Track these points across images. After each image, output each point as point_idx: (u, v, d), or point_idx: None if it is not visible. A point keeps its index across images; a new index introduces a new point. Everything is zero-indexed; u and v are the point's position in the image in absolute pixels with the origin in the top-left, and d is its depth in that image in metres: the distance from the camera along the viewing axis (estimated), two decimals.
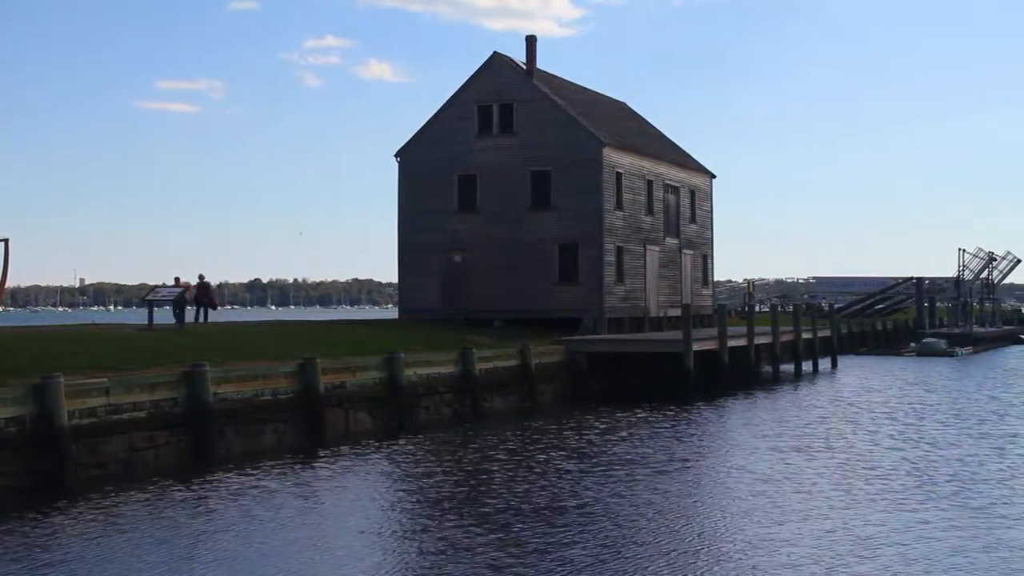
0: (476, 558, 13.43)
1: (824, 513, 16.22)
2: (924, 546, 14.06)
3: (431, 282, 43.61)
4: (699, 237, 51.79)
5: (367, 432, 25.54)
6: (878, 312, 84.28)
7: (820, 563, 13.16)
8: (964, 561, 13.28)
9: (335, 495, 18.09)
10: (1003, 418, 29.16)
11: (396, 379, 26.98)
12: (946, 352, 60.40)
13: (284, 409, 23.69)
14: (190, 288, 33.72)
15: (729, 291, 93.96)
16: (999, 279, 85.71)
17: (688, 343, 34.84)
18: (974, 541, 14.32)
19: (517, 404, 31.69)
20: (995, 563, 13.20)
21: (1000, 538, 14.50)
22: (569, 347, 35.75)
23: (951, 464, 20.96)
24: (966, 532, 14.87)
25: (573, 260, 41.86)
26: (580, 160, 41.89)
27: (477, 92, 43.48)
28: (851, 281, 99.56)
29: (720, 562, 13.30)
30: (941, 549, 13.89)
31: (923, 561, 13.29)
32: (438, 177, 43.64)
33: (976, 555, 13.58)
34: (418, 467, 21.19)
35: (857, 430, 26.55)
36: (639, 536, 14.68)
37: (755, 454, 22.44)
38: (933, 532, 14.89)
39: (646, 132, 52.94)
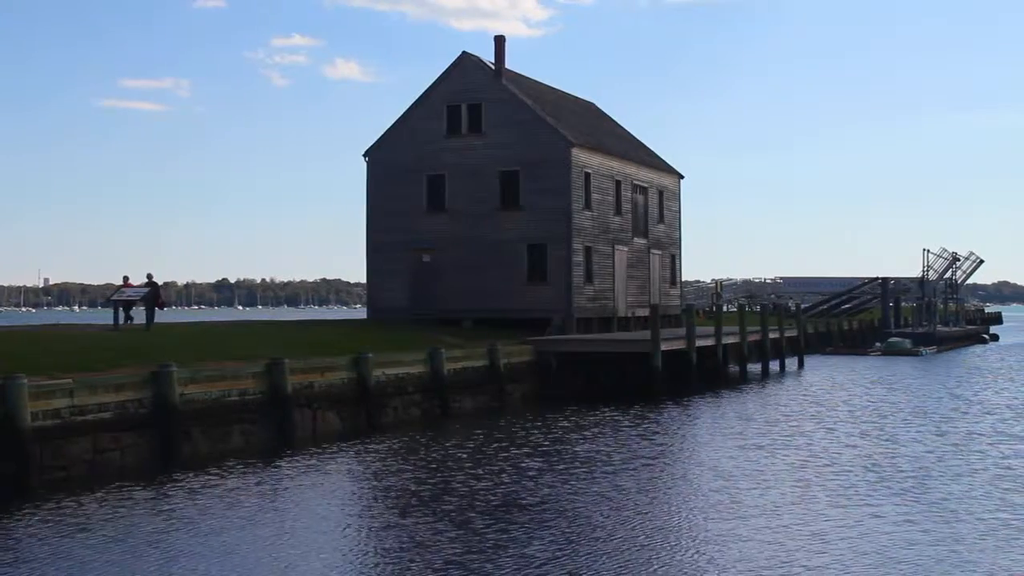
0: (440, 556, 13.45)
1: (781, 508, 16.46)
2: (875, 540, 14.32)
3: (400, 282, 43.52)
4: (667, 237, 52.01)
5: (335, 433, 25.45)
6: (844, 312, 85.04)
7: (772, 557, 13.36)
8: (913, 554, 13.52)
9: (302, 496, 18.01)
10: (964, 416, 29.55)
11: (364, 379, 26.90)
12: (911, 352, 61.03)
13: (252, 410, 23.56)
14: (156, 287, 33.44)
15: (697, 291, 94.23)
16: (962, 279, 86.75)
17: (656, 343, 34.97)
18: (925, 534, 14.60)
19: (486, 404, 31.69)
20: (944, 555, 13.48)
21: (950, 532, 14.77)
22: (538, 347, 35.79)
23: (909, 460, 21.28)
24: (918, 526, 15.16)
25: (542, 260, 41.91)
26: (549, 160, 41.94)
27: (446, 92, 43.43)
28: (817, 281, 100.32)
29: (675, 557, 13.47)
30: (892, 542, 14.16)
31: (873, 554, 13.53)
32: (407, 177, 43.57)
33: (926, 548, 13.83)
34: (386, 467, 21.15)
35: (821, 428, 26.82)
36: (598, 532, 14.82)
37: (719, 452, 22.64)
38: (885, 526, 15.17)
39: (614, 132, 53.09)
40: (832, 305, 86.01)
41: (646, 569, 12.90)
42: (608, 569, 12.87)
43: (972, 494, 17.59)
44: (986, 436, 25.08)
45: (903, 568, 12.88)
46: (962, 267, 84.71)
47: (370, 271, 44.76)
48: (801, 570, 12.80)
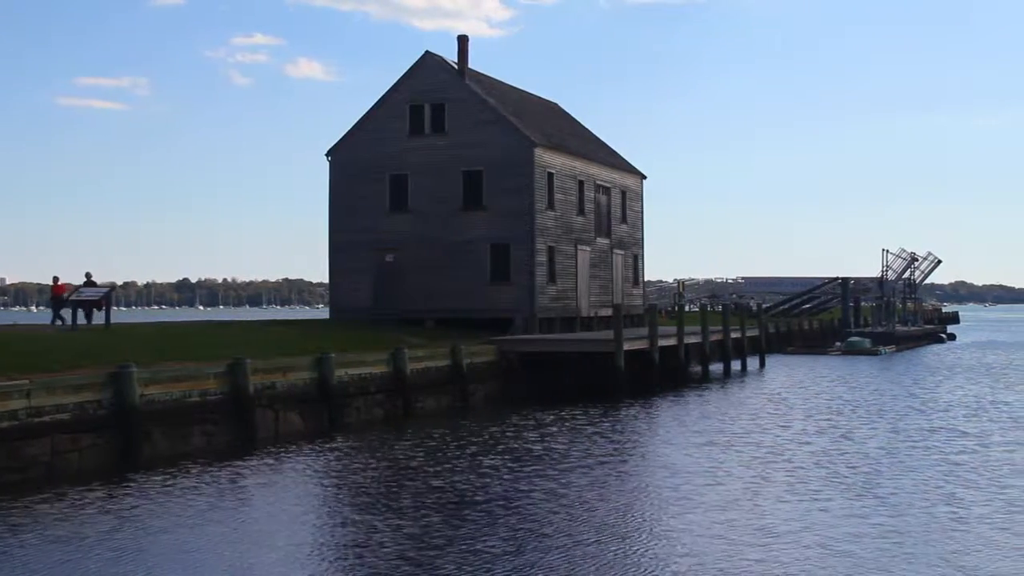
0: (397, 554, 13.50)
1: (732, 503, 16.74)
2: (821, 532, 14.62)
3: (362, 282, 43.39)
4: (630, 237, 52.21)
5: (298, 433, 25.34)
6: (805, 312, 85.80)
7: (718, 550, 13.65)
8: (857, 547, 13.79)
9: (263, 496, 17.92)
10: (919, 413, 30.03)
11: (327, 379, 26.80)
12: (870, 351, 61.67)
13: (213, 410, 23.40)
14: (114, 287, 33.18)
15: (659, 291, 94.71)
16: (920, 279, 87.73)
17: (619, 343, 35.09)
18: (871, 528, 14.91)
19: (449, 404, 31.67)
20: (889, 547, 13.78)
21: (895, 525, 15.08)
22: (501, 347, 35.81)
23: (862, 457, 21.69)
24: (864, 519, 15.48)
25: (505, 260, 41.94)
26: (512, 160, 41.98)
27: (409, 91, 43.36)
28: (779, 281, 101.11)
29: (623, 551, 13.70)
30: (837, 535, 14.45)
31: (816, 547, 13.80)
32: (369, 176, 43.45)
33: (871, 540, 14.14)
34: (347, 467, 21.11)
35: (779, 426, 27.12)
36: (551, 528, 14.98)
37: (677, 450, 22.87)
38: (831, 519, 15.50)
39: (577, 132, 53.23)
40: (793, 305, 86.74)
41: (594, 563, 13.08)
42: (557, 562, 13.04)
43: (919, 489, 17.96)
44: (938, 433, 25.57)
45: (847, 560, 13.15)
46: (920, 267, 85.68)
47: (332, 271, 44.60)
48: (746, 562, 13.04)
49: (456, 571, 12.70)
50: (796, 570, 12.74)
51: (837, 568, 12.81)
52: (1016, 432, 25.65)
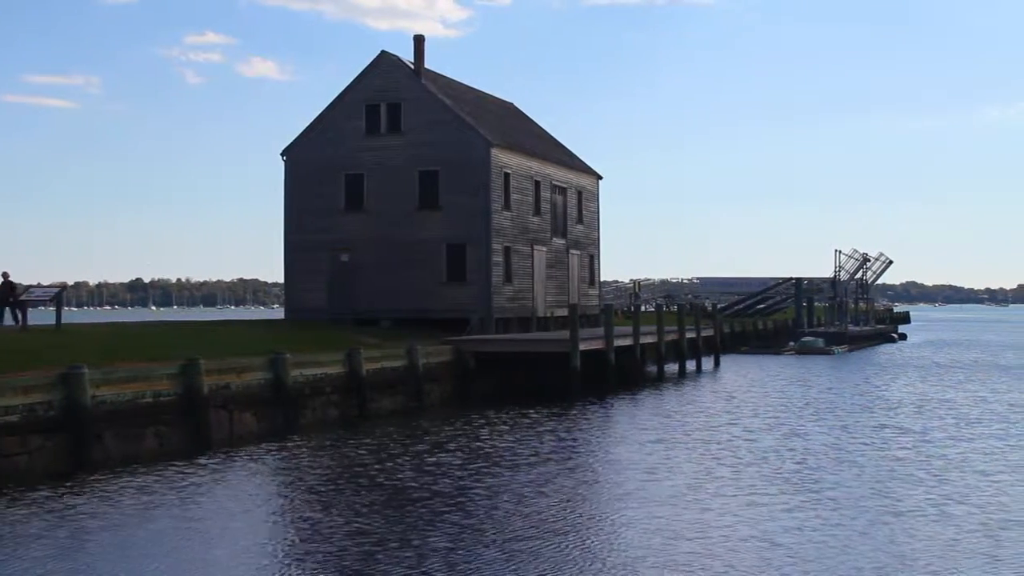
0: (349, 554, 13.52)
1: (675, 499, 17.09)
2: (760, 527, 14.99)
3: (318, 282, 43.18)
4: (586, 237, 52.39)
5: (252, 434, 25.17)
6: (759, 312, 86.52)
7: (654, 545, 13.94)
8: (792, 540, 14.17)
9: (216, 497, 17.81)
10: (869, 412, 30.58)
11: (282, 380, 26.64)
12: (823, 350, 62.36)
13: (166, 411, 23.16)
14: (64, 287, 32.69)
15: (615, 291, 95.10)
16: (872, 280, 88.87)
17: (575, 343, 35.20)
18: (808, 522, 15.30)
19: (404, 404, 31.60)
20: (824, 539, 14.17)
21: (832, 519, 15.48)
22: (457, 347, 35.79)
23: (808, 454, 22.18)
24: (802, 513, 15.89)
25: (461, 260, 41.92)
26: (468, 160, 41.98)
27: (365, 91, 43.21)
28: (733, 281, 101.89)
29: (566, 544, 13.99)
30: (773, 528, 14.84)
31: (753, 540, 14.15)
32: (325, 176, 43.24)
33: (808, 533, 14.53)
34: (302, 468, 21.02)
35: (732, 424, 27.46)
36: (496, 525, 15.18)
37: (629, 448, 23.17)
38: (769, 513, 15.88)
39: (533, 132, 53.33)
40: (747, 305, 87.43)
41: (533, 557, 13.31)
42: (495, 557, 13.25)
43: (859, 484, 18.44)
44: (882, 430, 26.16)
45: (782, 552, 13.49)
46: (872, 268, 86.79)
47: (288, 271, 44.34)
48: (682, 555, 13.35)
49: (402, 568, 12.79)
50: (731, 561, 13.05)
51: (772, 560, 13.13)
52: (955, 429, 26.39)
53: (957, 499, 16.95)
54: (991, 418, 28.78)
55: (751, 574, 12.55)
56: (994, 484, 18.33)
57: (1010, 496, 17.22)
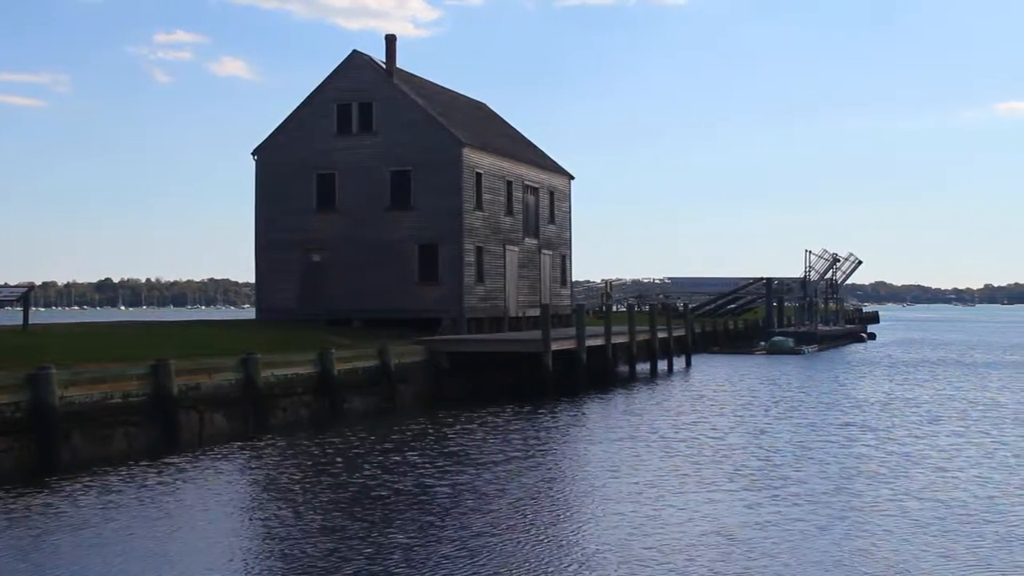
0: (317, 553, 13.54)
1: (639, 496, 17.35)
2: (719, 522, 15.29)
3: (289, 282, 43.01)
4: (558, 238, 52.47)
5: (223, 435, 25.03)
6: (730, 312, 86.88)
7: (614, 540, 14.21)
8: (752, 535, 14.45)
9: (183, 498, 17.72)
10: (836, 410, 30.96)
11: (252, 380, 26.51)
12: (794, 350, 62.74)
13: (135, 412, 22.99)
14: (32, 287, 32.42)
15: (587, 291, 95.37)
16: (842, 280, 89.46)
17: (547, 343, 35.25)
18: (768, 518, 15.58)
19: (376, 405, 31.53)
20: (786, 535, 14.46)
21: (793, 515, 15.78)
22: (429, 347, 35.75)
23: (774, 451, 22.54)
24: (763, 510, 16.14)
25: (433, 260, 41.88)
26: (440, 160, 41.94)
27: (336, 90, 43.08)
28: (704, 282, 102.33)
29: (525, 541, 14.17)
30: (733, 525, 15.12)
31: (712, 535, 14.47)
32: (296, 176, 43.07)
33: (769, 530, 14.78)
34: (272, 468, 20.96)
35: (701, 423, 27.73)
36: (461, 523, 15.33)
37: (598, 447, 23.38)
38: (732, 510, 16.15)
39: (505, 133, 53.35)
40: (718, 305, 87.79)
41: (497, 553, 13.48)
42: (463, 554, 13.38)
43: (822, 481, 18.76)
44: (847, 428, 26.62)
45: (743, 548, 13.70)
46: (842, 268, 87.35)
47: (259, 271, 44.14)
48: (642, 551, 13.60)
49: (365, 566, 12.93)
50: (691, 556, 13.31)
51: (731, 554, 13.39)
52: (917, 426, 26.97)
53: (914, 495, 17.33)
54: (952, 415, 29.40)
55: (710, 569, 12.74)
56: (950, 480, 18.80)
57: (965, 492, 17.62)
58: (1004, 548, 13.70)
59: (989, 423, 27.52)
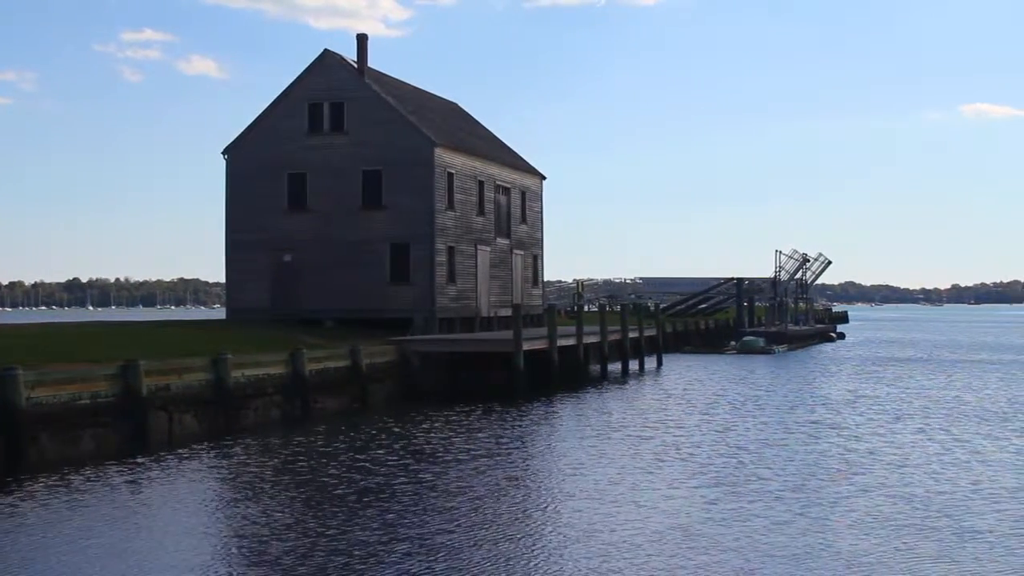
0: (285, 553, 13.56)
1: (603, 493, 17.62)
2: (676, 518, 15.60)
3: (260, 282, 42.81)
4: (529, 238, 52.53)
5: (193, 435, 24.91)
6: (701, 312, 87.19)
7: (569, 537, 14.52)
8: (711, 530, 14.78)
9: (153, 499, 17.66)
10: (803, 409, 31.32)
11: (223, 380, 26.40)
12: (764, 350, 63.08)
13: (104, 413, 22.83)
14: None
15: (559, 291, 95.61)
16: (812, 280, 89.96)
17: (518, 343, 35.30)
18: (728, 513, 15.91)
19: (348, 405, 31.46)
20: (744, 529, 14.78)
21: (752, 511, 16.07)
22: (401, 347, 35.71)
23: (739, 449, 22.89)
24: (724, 506, 16.48)
25: (404, 260, 41.83)
26: (412, 160, 41.89)
27: (307, 90, 42.93)
28: (676, 282, 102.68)
29: (480, 541, 14.27)
30: (690, 520, 15.46)
31: (672, 530, 14.80)
32: (267, 175, 42.89)
33: (726, 526, 15.07)
34: (242, 470, 20.90)
35: (670, 422, 27.97)
36: (428, 522, 15.40)
37: (567, 446, 23.55)
38: (693, 506, 16.52)
39: (477, 133, 53.35)
40: (689, 305, 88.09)
41: (459, 550, 13.68)
42: (424, 551, 13.51)
43: (784, 477, 19.13)
44: (815, 425, 27.07)
45: (705, 544, 13.97)
46: (811, 268, 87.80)
47: (229, 270, 43.91)
48: (603, 546, 13.84)
49: (330, 564, 13.01)
50: (650, 551, 13.56)
51: (693, 548, 13.69)
52: (880, 424, 27.51)
53: (873, 490, 17.74)
54: (915, 413, 30.00)
55: (668, 563, 12.98)
56: (908, 476, 19.24)
57: (921, 487, 18.04)
58: (959, 542, 14.05)
59: (950, 421, 28.12)
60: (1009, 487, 18.07)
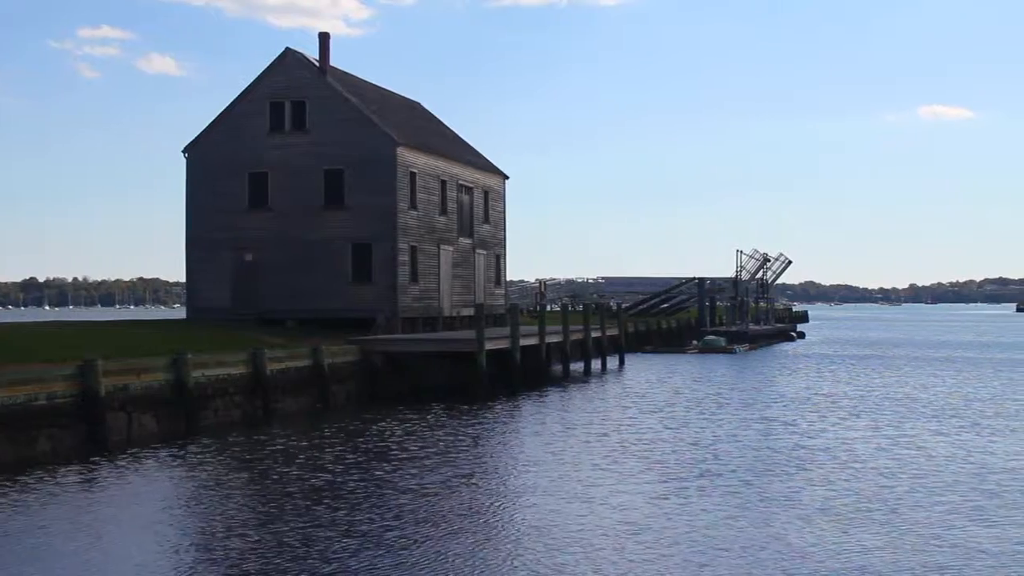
0: (242, 555, 13.52)
1: (554, 491, 17.82)
2: (624, 514, 15.89)
3: (221, 281, 42.49)
4: (492, 237, 52.52)
5: (152, 436, 24.68)
6: (663, 311, 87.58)
7: (520, 532, 14.79)
8: (661, 524, 15.16)
9: (110, 501, 17.52)
10: (761, 407, 31.70)
11: (183, 381, 26.17)
12: (725, 349, 63.50)
13: (61, 414, 22.54)
14: None
15: (521, 291, 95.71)
16: (772, 279, 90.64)
17: (481, 342, 35.29)
18: (676, 509, 16.27)
19: (310, 405, 31.30)
20: (692, 523, 15.23)
21: (700, 507, 16.45)
22: (363, 347, 35.58)
23: (695, 446, 23.29)
24: (672, 501, 16.88)
25: (367, 259, 41.68)
26: (374, 159, 41.75)
27: (269, 88, 42.66)
28: (638, 281, 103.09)
29: (435, 540, 14.37)
30: (641, 515, 15.81)
31: (621, 524, 15.15)
32: (228, 174, 42.57)
33: (674, 520, 15.47)
34: (201, 471, 20.76)
35: (630, 420, 28.16)
36: (386, 523, 15.39)
37: (526, 446, 23.81)
38: (641, 501, 16.87)
39: (440, 132, 53.26)
40: (651, 305, 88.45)
41: (416, 549, 13.78)
42: (381, 552, 13.54)
43: (734, 473, 19.55)
44: (771, 423, 27.53)
45: (653, 537, 14.31)
46: (772, 268, 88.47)
47: (190, 270, 43.54)
48: (555, 541, 14.13)
49: (288, 562, 13.07)
50: (599, 545, 13.86)
51: (641, 542, 13.98)
52: (834, 420, 28.18)
53: (822, 485, 18.23)
54: (869, 410, 30.70)
55: (616, 555, 13.30)
56: (856, 471, 19.78)
57: (866, 481, 18.59)
58: (900, 534, 14.46)
59: (901, 417, 28.82)
60: (948, 480, 18.70)
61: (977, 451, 22.31)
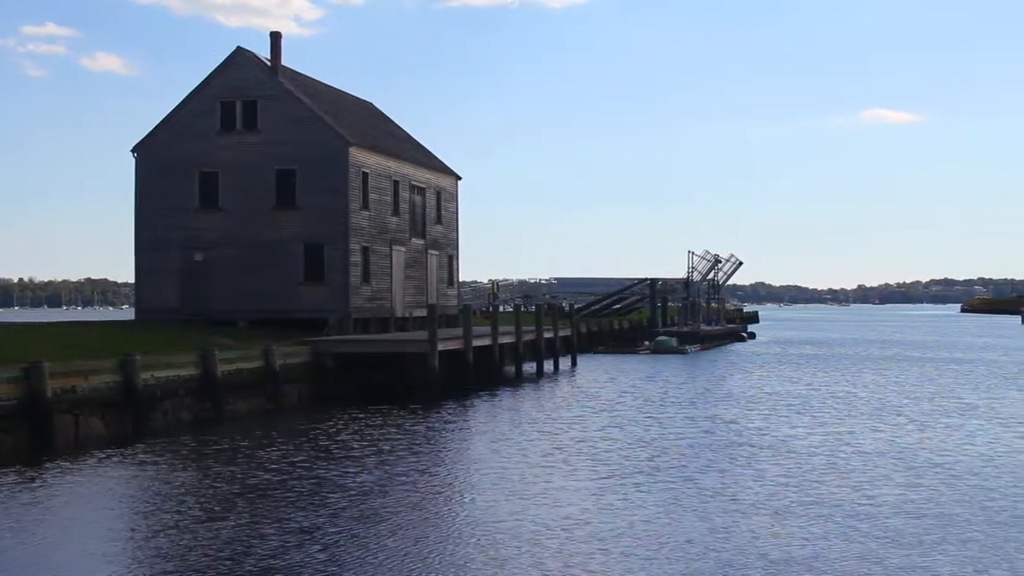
0: (189, 556, 13.51)
1: (499, 488, 18.11)
2: (567, 508, 16.20)
3: (170, 282, 42.13)
4: (445, 238, 52.52)
5: (100, 439, 24.43)
6: (615, 312, 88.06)
7: (459, 529, 15.01)
8: (599, 520, 15.43)
9: (56, 505, 17.32)
10: (709, 406, 32.15)
11: (132, 382, 25.93)
12: (677, 350, 63.96)
13: (7, 416, 22.26)
14: None
15: (474, 291, 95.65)
16: (723, 280, 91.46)
17: (433, 343, 35.28)
18: (615, 505, 16.59)
19: (261, 406, 31.15)
20: (633, 518, 15.53)
21: (639, 501, 16.86)
22: (315, 348, 35.45)
23: (641, 444, 23.63)
24: (612, 496, 17.24)
25: (318, 260, 41.53)
26: (326, 159, 41.61)
27: (220, 87, 42.35)
28: (590, 282, 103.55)
29: (384, 541, 14.39)
30: (582, 511, 16.08)
31: (563, 519, 15.45)
32: (178, 174, 42.21)
33: (616, 516, 15.74)
34: (151, 473, 20.60)
35: (580, 420, 28.37)
36: (334, 524, 15.40)
37: (476, 446, 23.95)
38: (585, 498, 17.15)
39: (392, 132, 53.17)
40: (604, 305, 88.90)
41: (363, 549, 13.85)
42: (328, 554, 13.55)
43: (676, 470, 19.99)
44: (715, 421, 28.02)
45: (587, 532, 14.60)
46: (723, 269, 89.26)
47: (139, 270, 43.11)
48: (498, 537, 14.34)
49: (236, 564, 13.10)
50: (540, 541, 14.07)
51: (582, 538, 14.24)
52: (777, 418, 28.76)
53: (761, 480, 18.72)
54: (813, 408, 31.38)
55: (558, 551, 13.53)
56: (798, 467, 20.22)
57: (800, 477, 19.06)
58: (839, 527, 14.85)
59: (843, 414, 29.56)
60: (879, 474, 19.34)
61: (909, 446, 22.93)
